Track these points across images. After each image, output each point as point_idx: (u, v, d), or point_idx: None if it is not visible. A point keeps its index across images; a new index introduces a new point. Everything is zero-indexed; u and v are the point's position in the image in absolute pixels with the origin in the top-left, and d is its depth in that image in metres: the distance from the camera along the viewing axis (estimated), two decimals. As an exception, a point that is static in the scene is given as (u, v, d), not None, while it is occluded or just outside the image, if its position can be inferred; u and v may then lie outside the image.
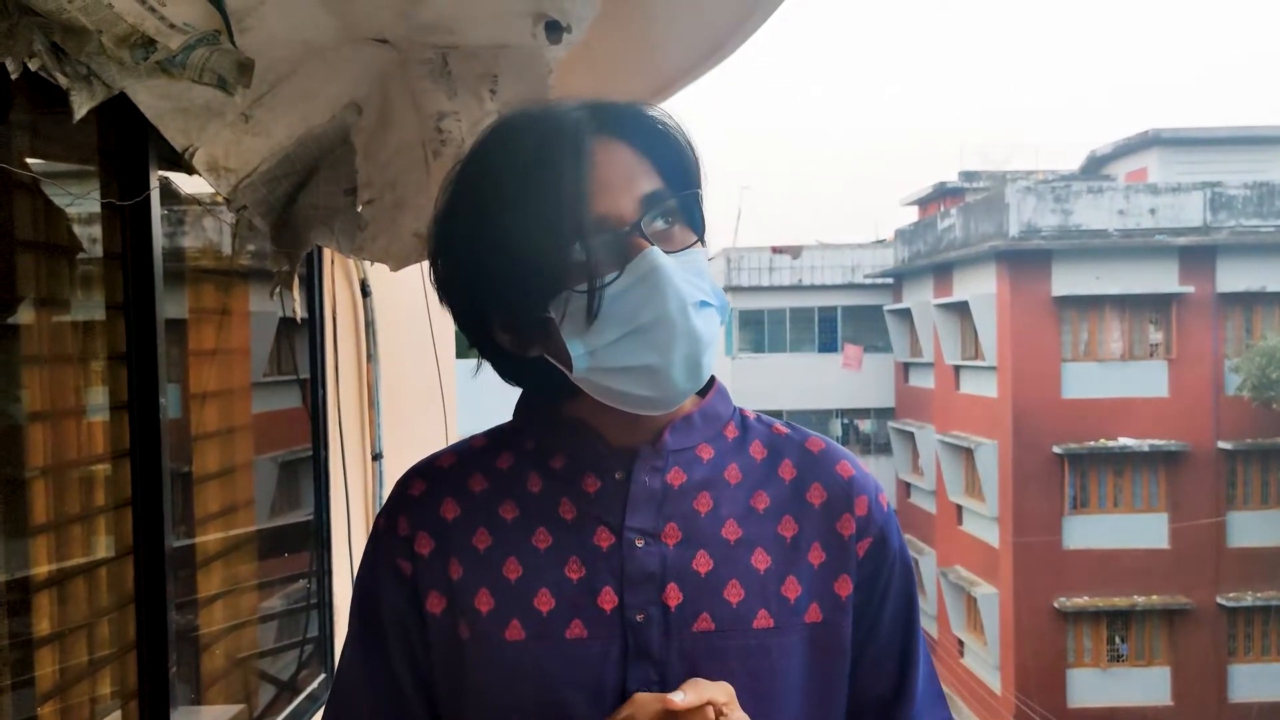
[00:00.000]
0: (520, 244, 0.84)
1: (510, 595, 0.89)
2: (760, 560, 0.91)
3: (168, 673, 1.76)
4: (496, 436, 0.99)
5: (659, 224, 0.86)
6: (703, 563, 0.90)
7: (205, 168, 1.60)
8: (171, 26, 1.35)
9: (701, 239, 0.90)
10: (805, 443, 0.99)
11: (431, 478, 0.96)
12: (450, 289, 0.92)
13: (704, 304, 0.86)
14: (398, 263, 1.97)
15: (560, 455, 0.93)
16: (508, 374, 0.96)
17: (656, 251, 0.83)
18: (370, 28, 1.60)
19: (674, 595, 0.88)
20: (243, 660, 2.52)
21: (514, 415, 0.99)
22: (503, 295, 0.87)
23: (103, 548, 1.80)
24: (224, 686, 2.36)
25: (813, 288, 25.02)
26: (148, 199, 1.71)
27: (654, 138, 0.89)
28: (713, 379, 0.99)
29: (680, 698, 0.81)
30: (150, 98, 1.51)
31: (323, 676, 2.72)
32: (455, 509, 0.93)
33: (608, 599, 0.88)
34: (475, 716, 0.90)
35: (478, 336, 0.94)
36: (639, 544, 0.89)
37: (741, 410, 1.01)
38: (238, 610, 2.55)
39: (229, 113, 1.56)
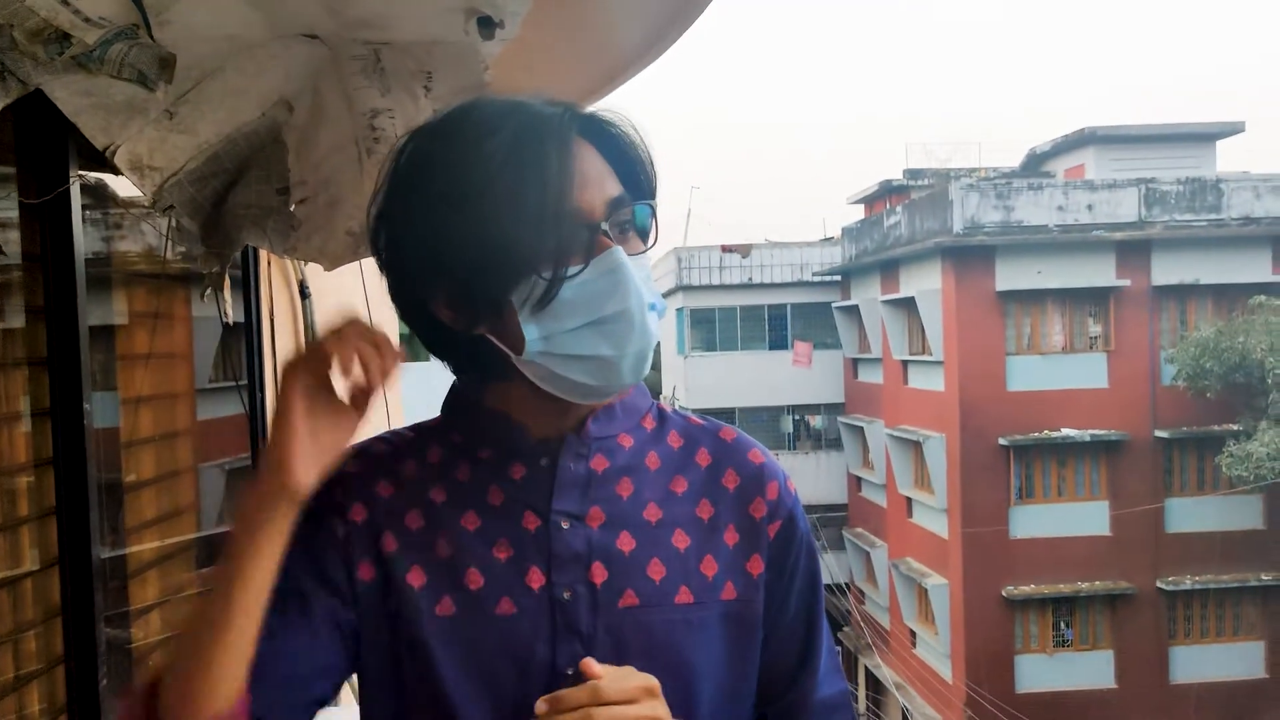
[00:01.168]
0: (493, 226, 0.86)
1: (441, 572, 0.92)
2: (680, 540, 0.96)
3: (98, 686, 1.71)
4: (424, 431, 1.01)
5: (618, 229, 0.91)
6: (626, 543, 0.94)
7: (128, 166, 1.56)
8: (86, 20, 1.31)
9: (650, 245, 0.95)
10: (719, 432, 1.04)
11: (366, 459, 0.98)
12: (399, 258, 0.93)
13: (653, 305, 0.91)
14: (332, 262, 1.94)
15: (486, 447, 0.97)
16: (438, 349, 0.98)
17: (621, 251, 0.89)
18: (298, 23, 1.56)
19: (599, 573, 0.93)
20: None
21: (441, 411, 1.02)
22: (463, 273, 0.89)
23: (27, 559, 1.75)
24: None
25: (763, 286, 25.18)
26: (68, 201, 1.66)
27: (619, 147, 0.94)
28: None
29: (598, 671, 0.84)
30: (68, 94, 1.46)
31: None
32: (389, 488, 0.96)
33: (535, 578, 0.92)
34: (410, 687, 0.92)
35: (414, 309, 0.95)
36: (565, 526, 0.93)
37: (658, 403, 1.06)
38: (177, 620, 2.49)
39: (152, 109, 1.52)
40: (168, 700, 0.88)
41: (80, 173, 1.78)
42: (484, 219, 0.86)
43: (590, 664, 0.85)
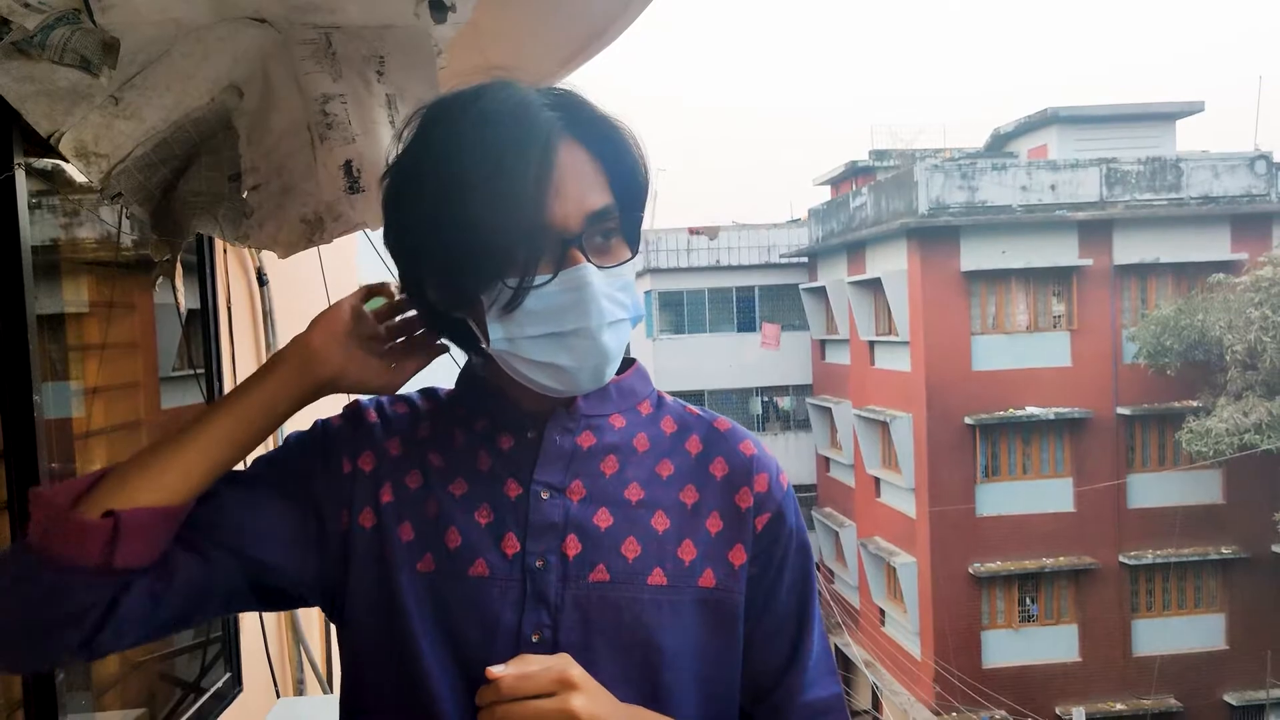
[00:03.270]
0: (468, 230, 0.88)
1: (428, 530, 0.96)
2: (660, 522, 0.97)
3: (54, 680, 1.70)
4: (440, 399, 1.06)
5: (598, 239, 0.92)
6: (603, 519, 0.95)
7: (73, 153, 1.53)
8: (25, 5, 1.29)
9: (635, 253, 0.96)
10: (714, 422, 1.05)
11: (384, 415, 1.04)
12: (393, 236, 0.97)
13: (620, 320, 0.92)
14: (285, 249, 1.92)
15: (482, 418, 1.01)
16: (430, 323, 1.04)
17: (589, 269, 0.89)
18: (245, 6, 1.54)
19: (573, 546, 0.94)
20: (141, 664, 2.44)
21: (455, 386, 1.07)
22: (441, 266, 0.92)
23: (-21, 554, 1.72)
24: (120, 691, 2.28)
25: (730, 268, 25.24)
26: (12, 188, 1.62)
27: (614, 150, 0.94)
28: (633, 361, 1.07)
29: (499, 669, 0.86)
30: (10, 80, 1.43)
31: (227, 675, 2.65)
32: (399, 447, 1.01)
33: (510, 544, 0.94)
34: (386, 636, 0.95)
35: (410, 285, 1.00)
36: (544, 496, 0.96)
37: (660, 393, 1.08)
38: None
39: (97, 95, 1.50)
40: (106, 485, 0.90)
41: (28, 159, 1.74)
42: (460, 220, 0.88)
43: (491, 670, 0.85)
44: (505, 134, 0.89)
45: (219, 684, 2.60)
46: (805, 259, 24.16)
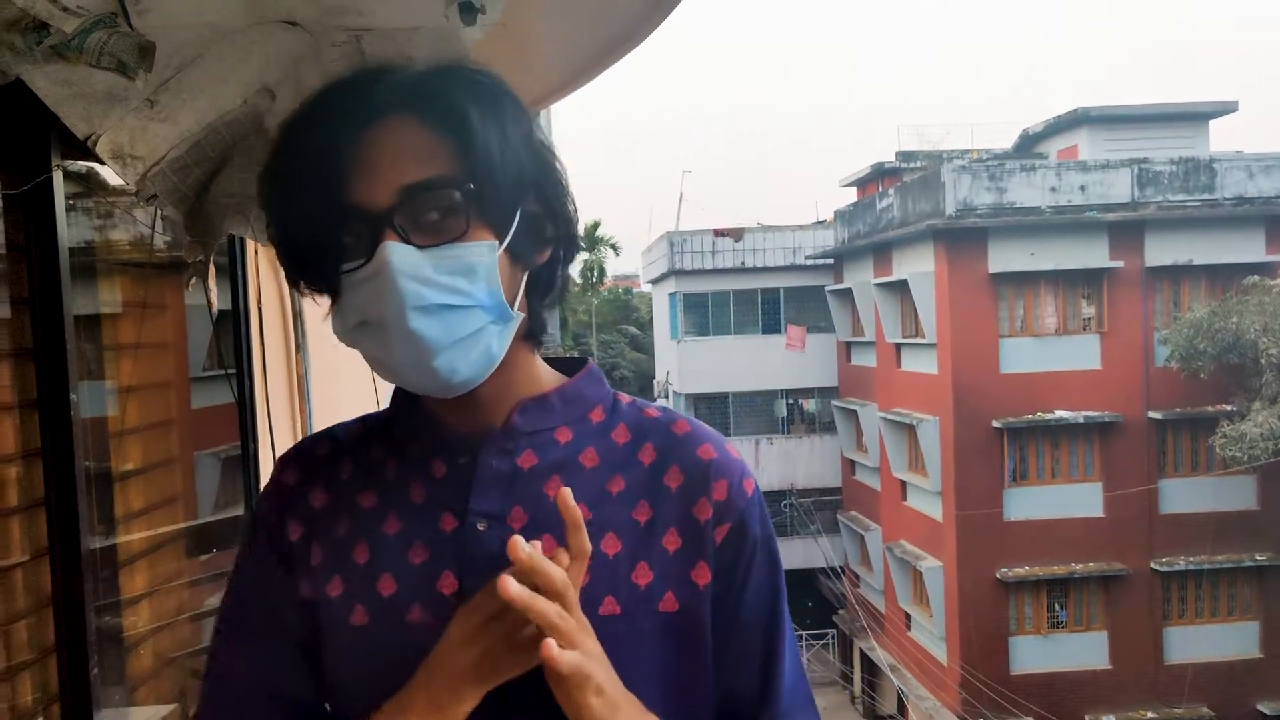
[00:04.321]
0: (286, 217, 0.85)
1: (357, 580, 0.89)
2: (610, 545, 0.88)
3: (89, 675, 1.72)
4: (371, 424, 0.99)
5: (431, 216, 0.83)
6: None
7: (110, 156, 1.55)
8: (64, 9, 1.31)
9: (501, 232, 0.85)
10: (672, 425, 0.96)
11: (305, 465, 0.96)
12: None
13: (446, 307, 0.82)
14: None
15: (416, 442, 0.93)
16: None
17: (390, 248, 0.80)
18: (278, 9, 1.55)
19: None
20: (174, 659, 2.47)
21: (390, 404, 0.99)
22: (286, 264, 0.89)
23: (17, 550, 1.75)
24: (154, 686, 2.30)
25: (755, 270, 25.17)
26: (50, 190, 1.65)
27: (462, 121, 0.84)
28: (585, 361, 0.99)
29: (527, 549, 0.78)
30: (48, 84, 1.46)
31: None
32: (324, 497, 0.94)
33: (447, 583, 0.87)
34: (334, 700, 0.90)
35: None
36: (481, 528, 0.88)
37: (617, 395, 0.99)
38: (168, 609, 2.50)
39: (133, 98, 1.52)
40: None
41: (66, 162, 1.77)
42: (282, 213, 0.86)
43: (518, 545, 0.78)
44: (320, 114, 0.85)
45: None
46: (831, 261, 24.05)
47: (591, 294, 37.88)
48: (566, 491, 0.81)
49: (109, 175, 2.06)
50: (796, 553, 25.06)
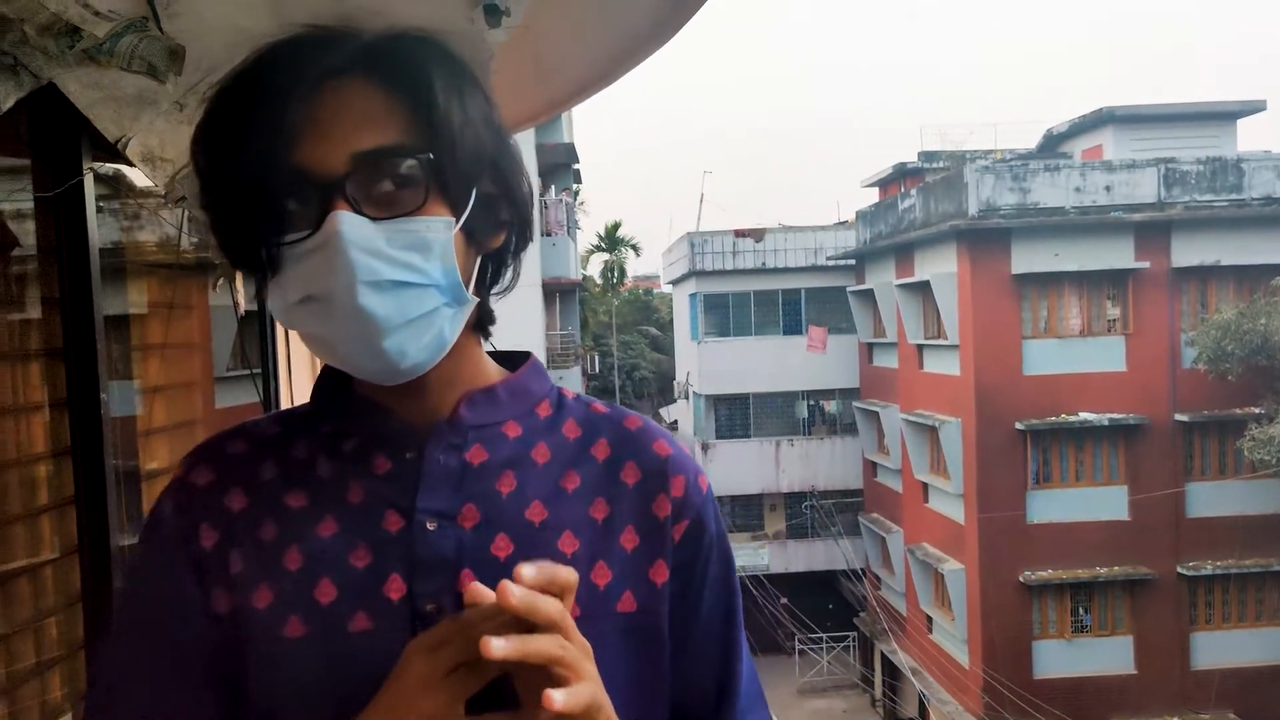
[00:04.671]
0: (231, 186, 0.77)
1: (289, 588, 0.81)
2: (567, 544, 0.84)
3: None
4: (291, 420, 0.90)
5: (385, 187, 0.76)
6: (502, 546, 0.82)
7: (140, 158, 1.57)
8: (96, 14, 1.33)
9: (458, 209, 0.80)
10: (623, 421, 0.92)
11: (219, 465, 0.87)
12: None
13: (399, 283, 0.76)
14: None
15: (352, 437, 0.86)
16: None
17: (341, 217, 0.74)
18: (305, 13, 1.57)
19: (469, 582, 0.77)
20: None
21: (310, 398, 0.91)
22: (221, 232, 0.81)
23: (47, 547, 1.77)
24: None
25: (776, 270, 25.12)
26: (81, 192, 1.67)
27: (425, 88, 0.78)
28: (528, 355, 0.95)
29: (529, 574, 0.70)
30: (80, 87, 1.48)
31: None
32: (242, 499, 0.85)
33: (395, 588, 0.80)
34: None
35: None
36: (431, 527, 0.81)
37: (561, 389, 0.94)
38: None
39: (162, 101, 1.54)
40: None
41: (95, 164, 1.79)
42: (217, 177, 0.78)
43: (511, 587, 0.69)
44: (265, 73, 0.77)
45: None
46: (853, 261, 23.96)
47: (612, 294, 37.92)
48: (507, 584, 0.70)
49: (136, 177, 2.09)
50: (818, 554, 24.97)
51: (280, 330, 2.81)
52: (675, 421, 30.34)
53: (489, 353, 0.94)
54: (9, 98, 1.37)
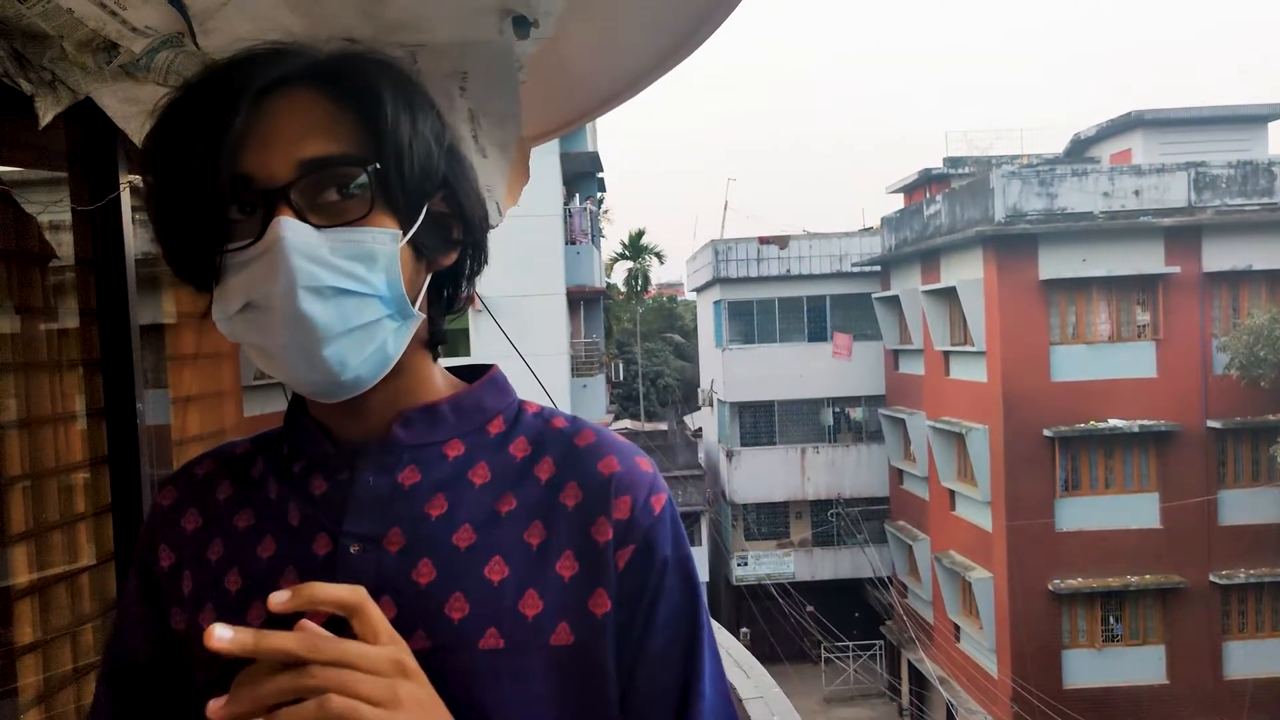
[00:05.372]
0: (176, 195, 0.76)
1: (228, 608, 0.81)
2: (495, 571, 0.80)
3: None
4: (260, 442, 0.91)
5: (331, 196, 0.76)
6: (424, 572, 0.79)
7: (175, 171, 1.60)
8: (133, 30, 1.35)
9: (405, 223, 0.78)
10: (575, 437, 0.86)
11: (182, 486, 0.89)
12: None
13: (341, 291, 0.75)
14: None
15: (300, 459, 0.86)
16: None
17: (284, 222, 0.73)
18: (337, 27, 1.59)
19: (388, 608, 0.77)
20: (231, 663, 2.52)
21: (285, 416, 0.91)
22: (166, 242, 0.79)
23: (84, 554, 1.80)
24: (212, 690, 2.35)
25: (801, 277, 25.04)
26: (118, 204, 1.70)
27: (373, 99, 0.77)
28: (490, 369, 0.91)
29: (280, 599, 0.67)
30: (116, 102, 1.50)
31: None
32: (197, 519, 0.87)
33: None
34: None
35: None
36: (354, 550, 0.80)
37: (524, 404, 0.90)
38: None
39: (197, 115, 1.56)
40: None
41: (130, 176, 1.82)
42: (160, 180, 0.77)
43: (279, 601, 0.67)
44: (214, 86, 0.76)
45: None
46: (878, 268, 23.85)
47: (636, 302, 37.96)
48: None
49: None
50: (844, 562, 24.82)
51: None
52: (700, 429, 30.29)
53: (453, 368, 0.92)
54: (48, 112, 1.40)
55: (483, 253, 0.88)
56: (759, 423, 25.25)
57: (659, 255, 38.40)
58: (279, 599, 0.67)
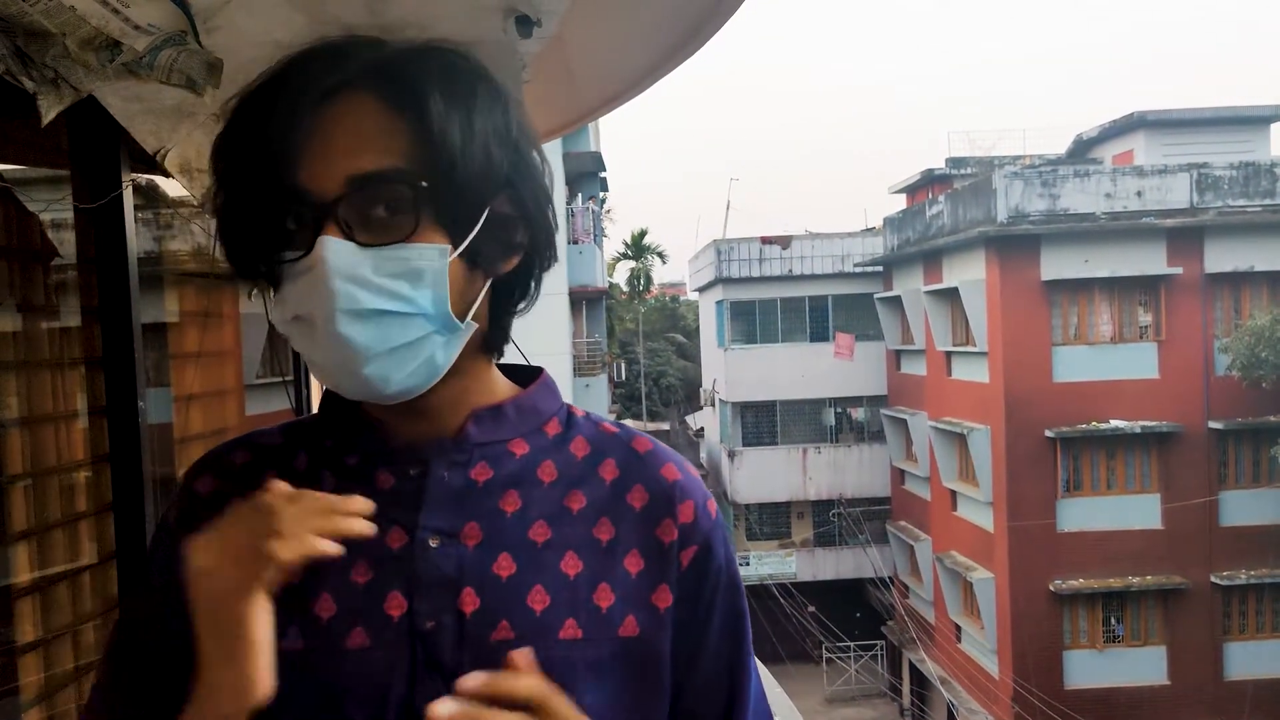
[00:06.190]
0: (240, 200, 0.78)
1: (288, 602, 0.79)
2: (570, 565, 0.83)
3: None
4: (294, 433, 0.91)
5: (378, 212, 0.76)
6: (504, 566, 0.81)
7: (177, 169, 1.59)
8: (136, 28, 1.35)
9: (458, 235, 0.78)
10: (632, 442, 0.90)
11: (221, 474, 0.87)
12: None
13: (382, 312, 0.75)
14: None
15: (355, 452, 0.86)
16: None
17: (327, 243, 0.74)
18: (340, 26, 1.59)
19: (470, 601, 0.80)
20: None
21: (318, 410, 0.92)
22: (228, 243, 0.81)
23: (86, 553, 1.80)
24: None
25: (803, 277, 25.03)
26: (120, 203, 1.70)
27: (422, 104, 0.76)
28: (540, 371, 0.94)
29: (445, 710, 0.70)
30: (119, 100, 1.50)
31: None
32: None
33: (395, 605, 0.80)
34: None
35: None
36: (433, 544, 0.81)
37: (570, 408, 0.93)
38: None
39: (200, 113, 1.56)
40: None
41: (132, 175, 1.82)
42: (225, 187, 0.79)
43: (436, 707, 0.70)
44: (276, 92, 0.77)
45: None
46: (880, 268, 23.84)
47: (638, 302, 37.96)
48: (521, 653, 0.74)
49: (170, 187, 2.11)
50: (845, 562, 24.82)
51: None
52: (702, 429, 30.29)
53: (501, 366, 0.93)
54: (50, 110, 1.39)
55: (550, 251, 0.87)
56: (761, 423, 25.24)
57: (661, 255, 38.42)
58: (470, 684, 0.71)
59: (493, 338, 0.87)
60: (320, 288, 0.74)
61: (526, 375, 0.93)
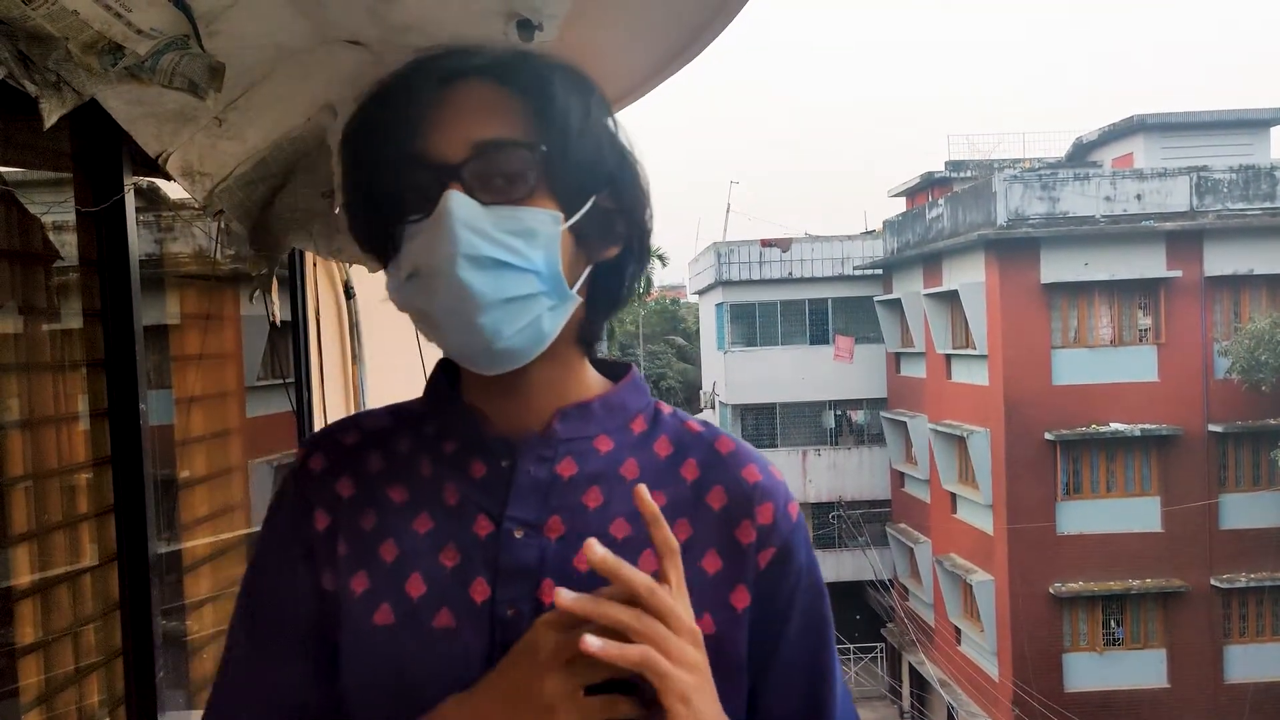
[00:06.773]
0: (369, 172, 0.84)
1: (384, 578, 0.85)
2: (649, 562, 0.82)
3: (155, 678, 1.76)
4: (401, 417, 0.95)
5: (497, 179, 0.81)
6: (584, 560, 0.81)
7: (180, 173, 1.60)
8: (138, 32, 1.35)
9: (569, 209, 0.83)
10: (715, 442, 0.93)
11: (332, 453, 0.92)
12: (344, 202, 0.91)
13: (499, 262, 0.79)
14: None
15: (453, 440, 0.90)
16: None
17: (452, 196, 0.79)
18: (343, 29, 1.59)
19: (549, 592, 0.80)
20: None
21: (423, 396, 0.96)
22: (357, 216, 0.88)
23: (87, 555, 1.80)
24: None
25: (803, 280, 25.03)
26: (122, 205, 1.70)
27: (542, 89, 0.83)
28: (629, 368, 0.96)
29: (570, 597, 0.73)
30: (122, 104, 1.50)
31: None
32: (351, 487, 0.90)
33: (479, 590, 0.83)
34: (348, 701, 0.86)
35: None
36: (517, 535, 0.84)
37: (658, 404, 0.95)
38: (230, 614, 2.55)
39: (202, 117, 1.56)
40: None
41: (134, 178, 1.83)
42: (354, 162, 0.86)
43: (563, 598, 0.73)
44: (403, 79, 0.85)
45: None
46: (880, 271, 23.84)
47: (638, 304, 37.96)
48: (642, 487, 0.77)
49: (172, 190, 2.12)
50: (845, 565, 24.80)
51: (313, 341, 2.84)
52: (701, 431, 30.19)
53: (590, 361, 0.96)
54: (53, 114, 1.40)
55: (644, 253, 0.92)
56: (761, 425, 25.23)
57: (661, 258, 38.38)
58: (596, 555, 0.73)
59: (586, 330, 0.91)
60: (444, 235, 0.78)
61: (617, 371, 0.96)
